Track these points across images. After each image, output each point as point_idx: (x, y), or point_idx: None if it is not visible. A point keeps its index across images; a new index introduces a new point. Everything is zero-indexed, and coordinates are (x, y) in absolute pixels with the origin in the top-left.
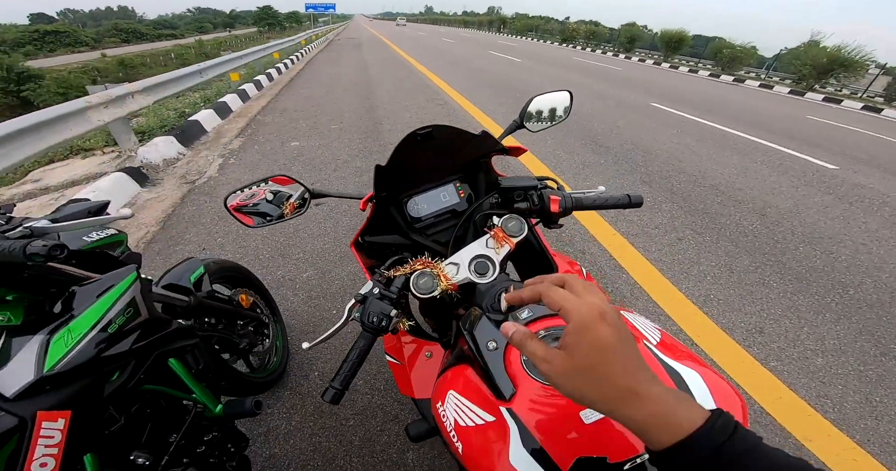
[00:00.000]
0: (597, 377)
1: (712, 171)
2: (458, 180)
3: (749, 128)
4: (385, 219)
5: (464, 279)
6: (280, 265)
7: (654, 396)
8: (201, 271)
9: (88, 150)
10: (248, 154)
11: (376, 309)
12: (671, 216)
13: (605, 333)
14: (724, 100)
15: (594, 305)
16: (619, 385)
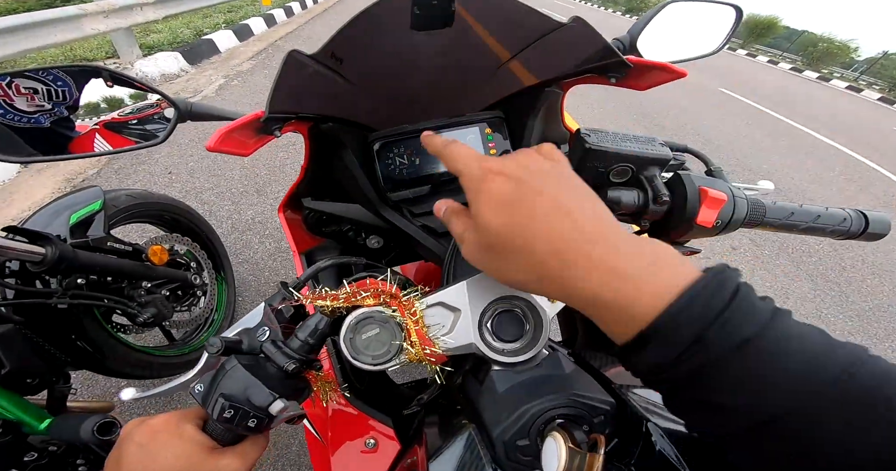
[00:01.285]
0: (509, 248)
1: (781, 173)
2: (490, 123)
3: (829, 131)
4: (338, 172)
5: (463, 348)
6: (253, 204)
7: (600, 258)
8: (94, 208)
9: (90, 60)
10: (255, 77)
11: (238, 389)
12: None
13: (498, 189)
14: (804, 96)
15: (488, 159)
16: (541, 251)
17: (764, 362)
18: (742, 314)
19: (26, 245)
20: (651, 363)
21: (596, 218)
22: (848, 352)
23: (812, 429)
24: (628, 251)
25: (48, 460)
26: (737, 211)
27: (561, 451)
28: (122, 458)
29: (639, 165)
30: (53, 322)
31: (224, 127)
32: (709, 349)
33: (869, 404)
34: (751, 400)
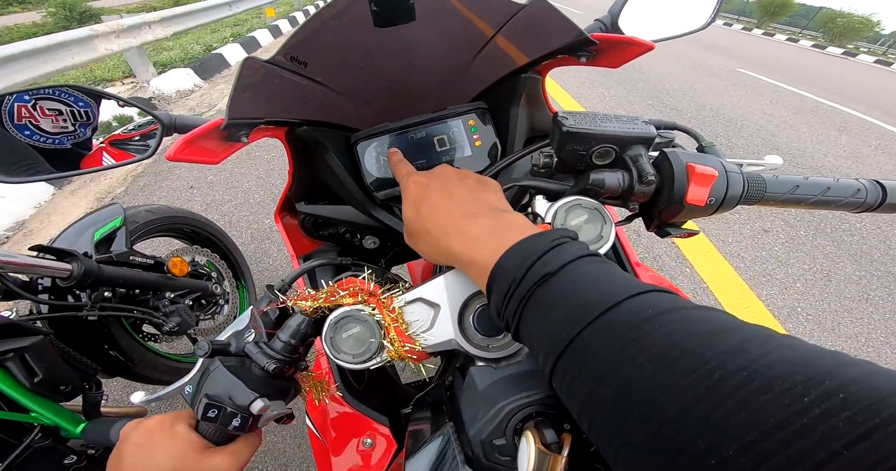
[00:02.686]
0: (419, 232)
1: (813, 150)
2: (475, 114)
3: (861, 105)
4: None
5: (443, 344)
6: (270, 213)
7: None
8: (115, 225)
9: (109, 80)
10: None
11: (220, 389)
12: None
13: (413, 189)
14: (829, 73)
15: (409, 168)
16: (433, 231)
17: (555, 294)
18: (549, 259)
19: (54, 262)
20: (494, 307)
21: (473, 201)
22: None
23: (583, 355)
24: (483, 219)
25: (87, 463)
26: (731, 187)
27: (531, 451)
28: (121, 458)
29: (621, 145)
30: (85, 333)
31: (185, 136)
32: (521, 287)
33: (621, 331)
34: (549, 332)
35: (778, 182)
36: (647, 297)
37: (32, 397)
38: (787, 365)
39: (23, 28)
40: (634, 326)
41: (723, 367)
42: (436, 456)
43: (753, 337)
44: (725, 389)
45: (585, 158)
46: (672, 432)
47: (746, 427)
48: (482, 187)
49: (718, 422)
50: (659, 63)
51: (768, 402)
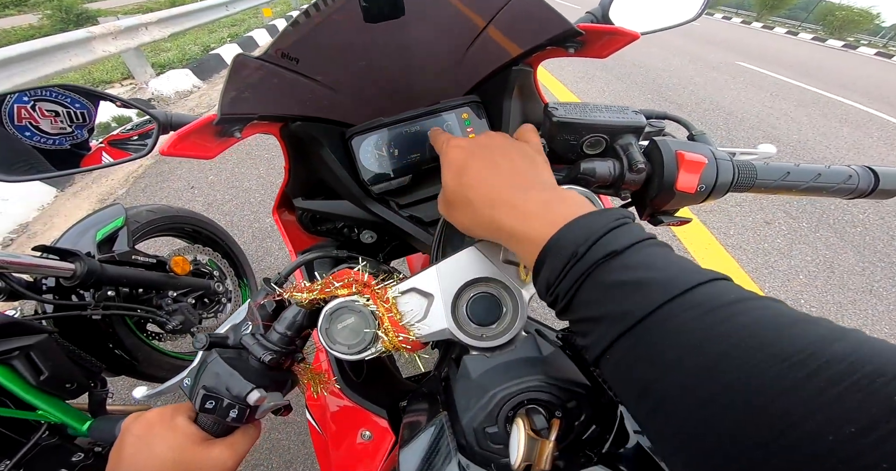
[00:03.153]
0: (459, 201)
1: (814, 142)
2: (469, 107)
3: (863, 97)
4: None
5: (437, 334)
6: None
7: (516, 201)
8: (117, 225)
9: (108, 82)
10: None
11: (217, 381)
12: None
13: (453, 155)
14: (830, 65)
15: (453, 138)
16: (477, 202)
17: (621, 272)
18: (614, 238)
19: (57, 262)
20: (544, 282)
21: (518, 173)
22: (699, 274)
23: (659, 333)
24: (537, 194)
25: (94, 461)
26: (721, 174)
27: (521, 439)
28: (122, 449)
29: (611, 134)
30: (90, 332)
31: (178, 131)
32: (582, 262)
33: (706, 310)
34: (613, 308)
35: (769, 169)
36: (724, 284)
37: (38, 395)
38: (888, 355)
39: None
40: (720, 307)
41: (828, 351)
42: (429, 445)
43: (839, 328)
44: (836, 371)
45: (576, 148)
46: (780, 408)
47: (858, 413)
48: (530, 161)
49: (834, 401)
50: (658, 57)
51: (884, 386)
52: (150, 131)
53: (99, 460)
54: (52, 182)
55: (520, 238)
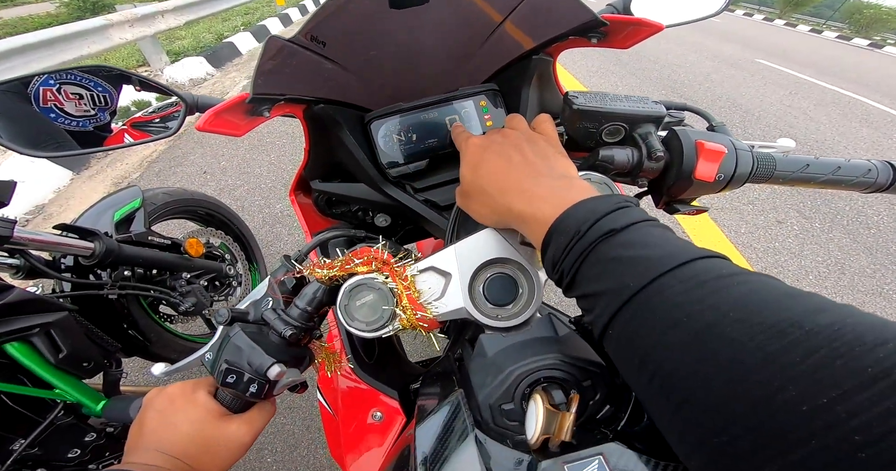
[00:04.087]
0: (475, 192)
1: (832, 141)
2: (486, 95)
3: (885, 98)
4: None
5: (453, 313)
6: (282, 198)
7: (526, 187)
8: (134, 206)
9: None
10: None
11: (239, 355)
12: (772, 192)
13: (471, 151)
14: (853, 64)
15: (468, 134)
16: (492, 191)
17: (620, 248)
18: (615, 218)
19: (77, 241)
20: (550, 259)
21: (530, 164)
22: (692, 251)
23: (653, 305)
24: (547, 181)
25: (105, 441)
26: (740, 164)
27: (539, 413)
28: (144, 423)
29: (631, 123)
30: (106, 312)
31: (213, 108)
32: (583, 240)
33: (698, 282)
34: (612, 283)
35: (788, 161)
36: (716, 260)
37: (56, 373)
38: (870, 325)
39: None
40: (710, 281)
41: (812, 321)
42: (445, 421)
43: (831, 302)
44: (817, 340)
45: (595, 136)
46: (760, 378)
47: (843, 377)
48: (542, 152)
49: (812, 370)
50: (673, 53)
51: (864, 354)
52: (174, 114)
53: (110, 440)
54: (68, 165)
55: (528, 220)
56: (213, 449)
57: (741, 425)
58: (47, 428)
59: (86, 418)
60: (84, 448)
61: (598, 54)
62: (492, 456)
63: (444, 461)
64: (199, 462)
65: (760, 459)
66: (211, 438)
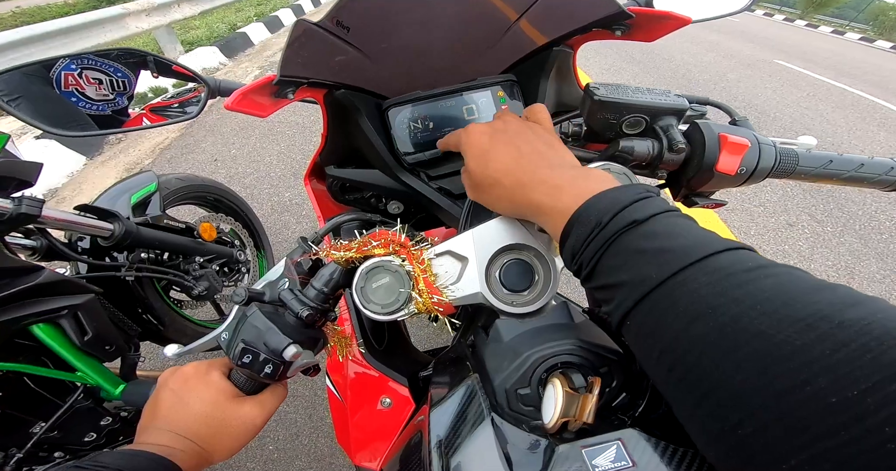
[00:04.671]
0: (488, 183)
1: (849, 145)
2: (504, 86)
3: None
4: (356, 138)
5: (469, 297)
6: (290, 187)
7: (543, 177)
8: (150, 190)
9: None
10: None
11: (256, 334)
12: (784, 194)
13: (475, 140)
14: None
15: (471, 124)
16: (506, 182)
17: (642, 240)
18: (637, 209)
19: (97, 221)
20: (570, 250)
21: (541, 154)
22: (717, 242)
23: (676, 297)
24: (564, 171)
25: (120, 425)
26: (763, 158)
27: (558, 395)
28: (158, 402)
29: (652, 116)
30: (122, 295)
31: (241, 88)
32: (605, 231)
33: (723, 275)
34: (634, 274)
35: (811, 156)
36: (743, 252)
37: (80, 356)
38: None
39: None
40: (736, 273)
41: (840, 315)
42: (460, 405)
43: (862, 295)
44: (846, 333)
45: (615, 127)
46: (786, 370)
47: (872, 370)
48: (548, 141)
49: (841, 363)
50: (689, 52)
51: (890, 349)
52: (192, 99)
53: (125, 424)
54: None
55: (548, 211)
56: (224, 430)
57: (765, 417)
58: (67, 411)
59: (102, 402)
60: (100, 432)
61: (612, 52)
62: (509, 440)
63: (460, 445)
64: (210, 443)
65: (783, 450)
66: (223, 418)
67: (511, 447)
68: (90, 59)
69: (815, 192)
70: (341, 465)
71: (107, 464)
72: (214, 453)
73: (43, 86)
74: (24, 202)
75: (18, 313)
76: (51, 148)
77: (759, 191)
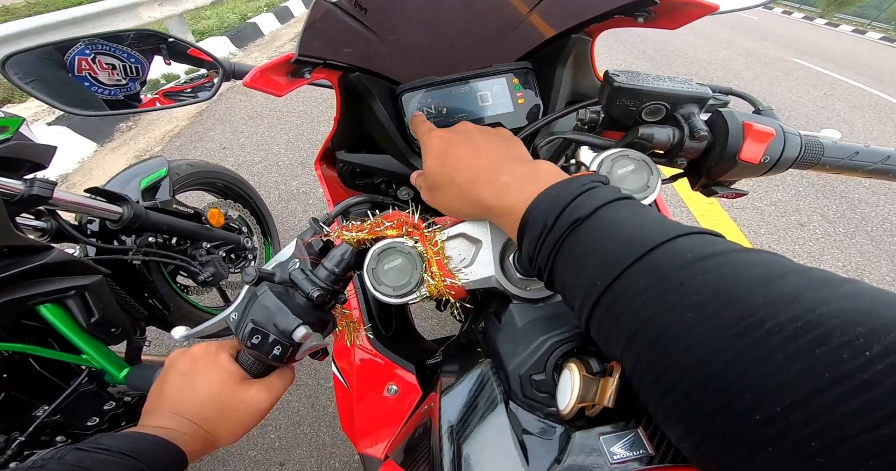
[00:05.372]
0: (444, 184)
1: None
2: (519, 73)
3: None
4: (369, 122)
5: (482, 281)
6: (298, 175)
7: (495, 178)
8: (160, 175)
9: None
10: None
11: (266, 314)
12: (796, 194)
13: (435, 143)
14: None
15: (429, 125)
16: (461, 181)
17: (587, 240)
18: (580, 204)
19: (107, 205)
20: (527, 255)
21: (497, 153)
22: (656, 232)
23: (620, 306)
24: (513, 167)
25: (123, 410)
26: (788, 148)
27: (575, 380)
28: (165, 384)
29: (673, 103)
30: (129, 279)
31: (260, 66)
32: (552, 234)
33: (659, 277)
34: (584, 281)
35: (836, 147)
36: (687, 240)
37: (86, 338)
38: (847, 315)
39: None
40: (673, 272)
41: (774, 317)
42: (473, 390)
43: (811, 284)
44: (776, 340)
45: (635, 114)
46: (716, 387)
47: (798, 383)
48: (508, 142)
49: (767, 376)
50: (703, 49)
51: (824, 355)
52: (206, 84)
53: (128, 409)
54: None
55: (500, 213)
56: (230, 414)
57: (704, 430)
58: (71, 394)
59: (106, 386)
60: (103, 417)
61: (624, 47)
62: (523, 426)
63: (473, 431)
64: (216, 427)
65: (727, 461)
66: (229, 401)
67: (526, 434)
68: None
69: (827, 192)
70: (342, 454)
71: (109, 446)
72: (219, 438)
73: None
74: (35, 184)
75: (26, 292)
76: (63, 134)
77: (771, 190)
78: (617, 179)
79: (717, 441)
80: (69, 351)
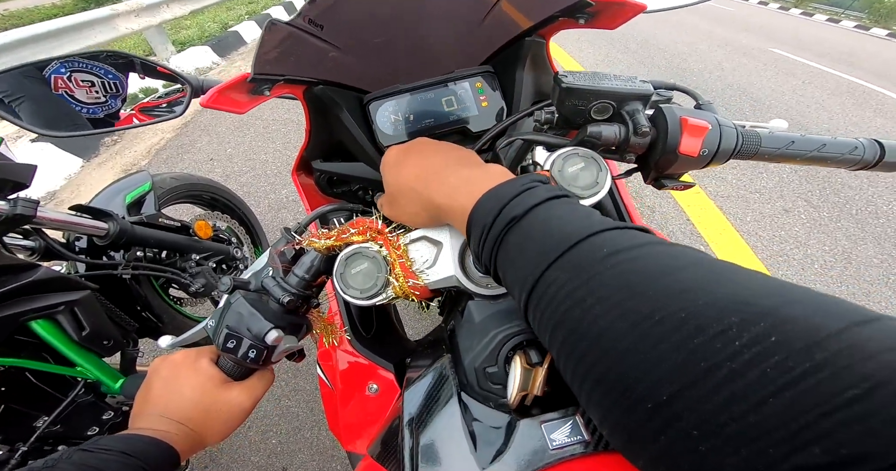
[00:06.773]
0: (401, 192)
1: (844, 131)
2: (482, 77)
3: None
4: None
5: (444, 281)
6: (287, 184)
7: (445, 179)
8: (144, 189)
9: None
10: None
11: (239, 320)
12: (780, 180)
13: (391, 156)
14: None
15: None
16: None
17: (523, 237)
18: (517, 204)
19: (91, 221)
20: (474, 253)
21: (448, 157)
22: (582, 228)
23: (545, 302)
24: (462, 170)
25: (122, 419)
26: (724, 140)
27: (517, 371)
28: (149, 389)
29: (619, 101)
30: (120, 294)
31: (216, 86)
32: (492, 232)
33: (575, 273)
34: (519, 275)
35: (773, 137)
36: (606, 235)
37: (79, 351)
38: (725, 305)
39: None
40: (587, 266)
41: (664, 309)
42: (432, 385)
43: (707, 276)
44: (662, 331)
45: (584, 114)
46: (615, 377)
47: (679, 373)
48: (458, 148)
49: (655, 366)
50: (683, 41)
51: (700, 345)
52: (180, 99)
53: (127, 419)
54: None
55: (451, 214)
56: (214, 414)
57: (612, 419)
58: (69, 405)
59: (104, 396)
60: (102, 426)
61: (606, 42)
62: (475, 416)
63: (429, 423)
64: (202, 427)
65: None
66: (213, 403)
67: (476, 424)
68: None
69: (810, 177)
70: (343, 457)
71: (110, 447)
72: (206, 437)
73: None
74: (19, 203)
75: (17, 309)
76: (47, 151)
77: (755, 177)
78: (569, 177)
79: (621, 429)
80: (64, 364)
